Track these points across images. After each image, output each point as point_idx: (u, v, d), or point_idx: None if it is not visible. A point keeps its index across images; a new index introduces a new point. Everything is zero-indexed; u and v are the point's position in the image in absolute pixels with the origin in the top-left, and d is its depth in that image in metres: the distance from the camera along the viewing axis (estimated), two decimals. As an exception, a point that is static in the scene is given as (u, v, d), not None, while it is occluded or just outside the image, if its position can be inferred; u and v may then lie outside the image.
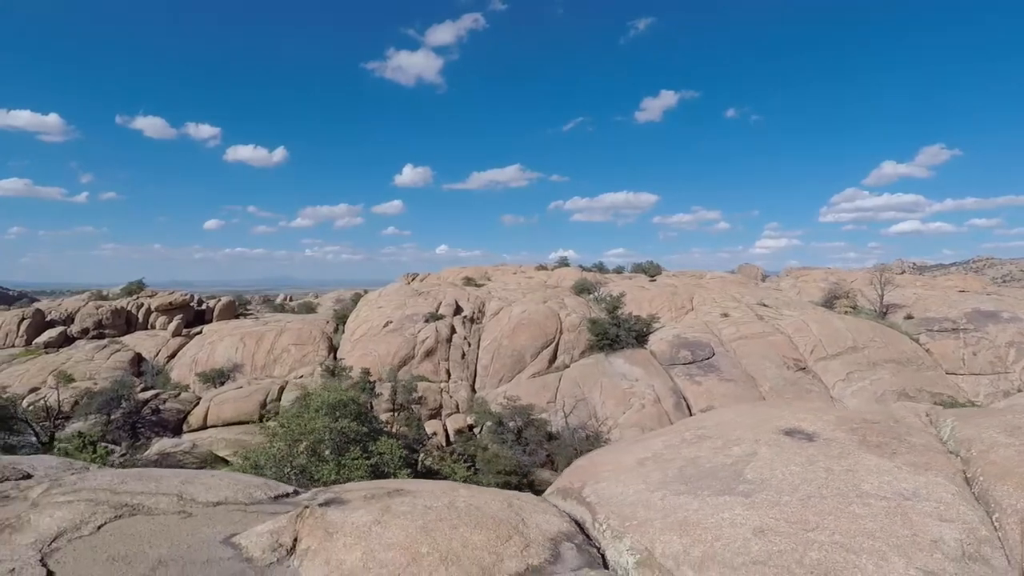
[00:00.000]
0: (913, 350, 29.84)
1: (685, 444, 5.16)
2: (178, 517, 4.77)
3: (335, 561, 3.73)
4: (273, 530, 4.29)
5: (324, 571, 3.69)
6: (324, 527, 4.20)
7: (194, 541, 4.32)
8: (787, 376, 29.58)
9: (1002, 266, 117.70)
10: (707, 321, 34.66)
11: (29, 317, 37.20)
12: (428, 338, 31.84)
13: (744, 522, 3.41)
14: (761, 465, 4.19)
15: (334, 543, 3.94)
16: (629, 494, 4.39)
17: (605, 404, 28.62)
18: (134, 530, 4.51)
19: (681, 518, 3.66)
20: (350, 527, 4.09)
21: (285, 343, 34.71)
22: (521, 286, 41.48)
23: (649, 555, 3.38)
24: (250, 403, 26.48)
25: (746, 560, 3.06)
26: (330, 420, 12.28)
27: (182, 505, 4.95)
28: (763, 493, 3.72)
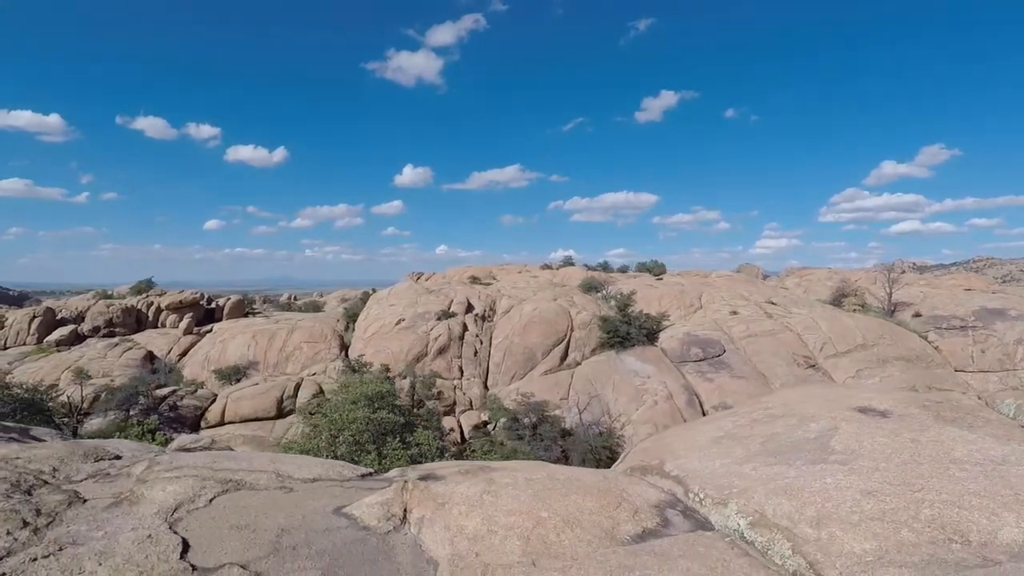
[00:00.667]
0: (922, 347, 30.15)
1: (757, 423, 5.39)
2: (281, 492, 4.99)
3: (455, 527, 3.95)
4: (382, 502, 4.52)
5: (445, 536, 3.92)
6: (432, 498, 4.42)
7: (307, 512, 4.54)
8: (797, 373, 29.87)
9: (1002, 266, 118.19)
10: (716, 319, 34.95)
11: (40, 315, 37.32)
12: (441, 335, 32.07)
13: (849, 486, 3.65)
14: (846, 438, 4.42)
15: (448, 512, 4.17)
16: (715, 467, 4.62)
17: (618, 401, 28.90)
18: (245, 503, 4.73)
19: (783, 485, 3.90)
20: (460, 497, 4.32)
21: (297, 341, 34.89)
22: (530, 285, 41.71)
23: (762, 516, 3.61)
24: (267, 399, 26.67)
25: (862, 517, 3.29)
26: (369, 411, 12.52)
27: (281, 481, 5.17)
28: (859, 461, 3.96)
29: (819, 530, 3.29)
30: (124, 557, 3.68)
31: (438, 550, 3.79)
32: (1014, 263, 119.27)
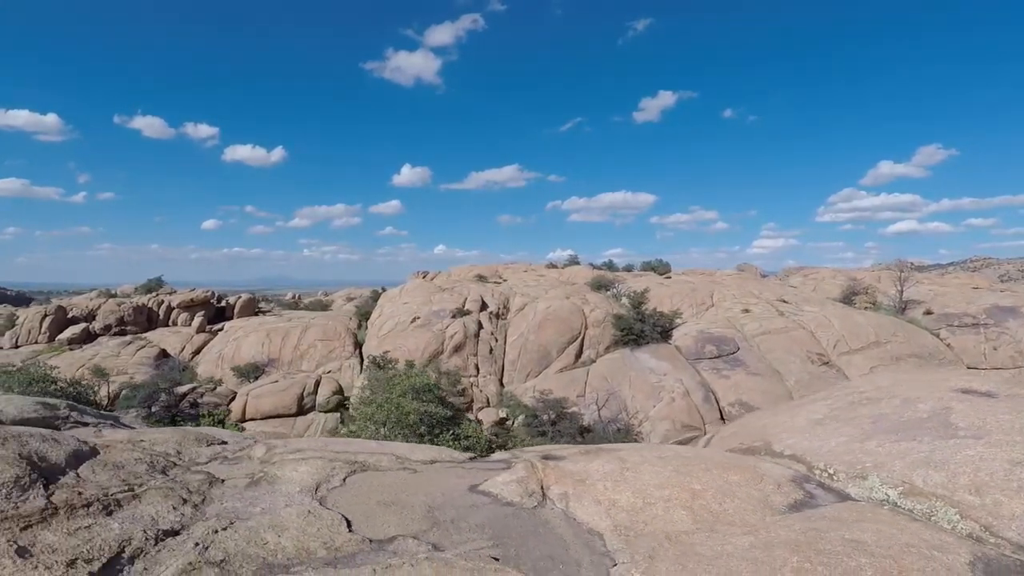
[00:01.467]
0: (934, 345, 30.47)
1: (856, 406, 5.56)
2: (406, 472, 5.13)
3: (606, 500, 4.10)
4: (517, 480, 4.66)
5: (597, 509, 4.07)
6: (568, 476, 4.57)
7: (444, 490, 4.68)
8: (812, 370, 30.13)
9: (999, 266, 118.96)
10: (728, 317, 35.19)
11: (52, 314, 37.23)
12: (456, 333, 32.18)
13: (994, 457, 3.82)
14: (966, 416, 4.60)
15: (592, 487, 4.31)
16: (832, 446, 4.78)
17: (635, 398, 29.07)
18: (378, 482, 4.87)
19: (921, 458, 4.06)
20: (598, 474, 4.47)
21: (311, 339, 34.94)
22: (541, 283, 41.87)
23: (911, 487, 3.77)
24: (287, 397, 26.73)
25: (1020, 485, 3.46)
26: (418, 403, 12.64)
27: (401, 463, 5.30)
28: (993, 435, 4.13)
29: (982, 497, 3.45)
30: (298, 529, 3.81)
31: (596, 522, 3.93)
32: (1011, 263, 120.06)
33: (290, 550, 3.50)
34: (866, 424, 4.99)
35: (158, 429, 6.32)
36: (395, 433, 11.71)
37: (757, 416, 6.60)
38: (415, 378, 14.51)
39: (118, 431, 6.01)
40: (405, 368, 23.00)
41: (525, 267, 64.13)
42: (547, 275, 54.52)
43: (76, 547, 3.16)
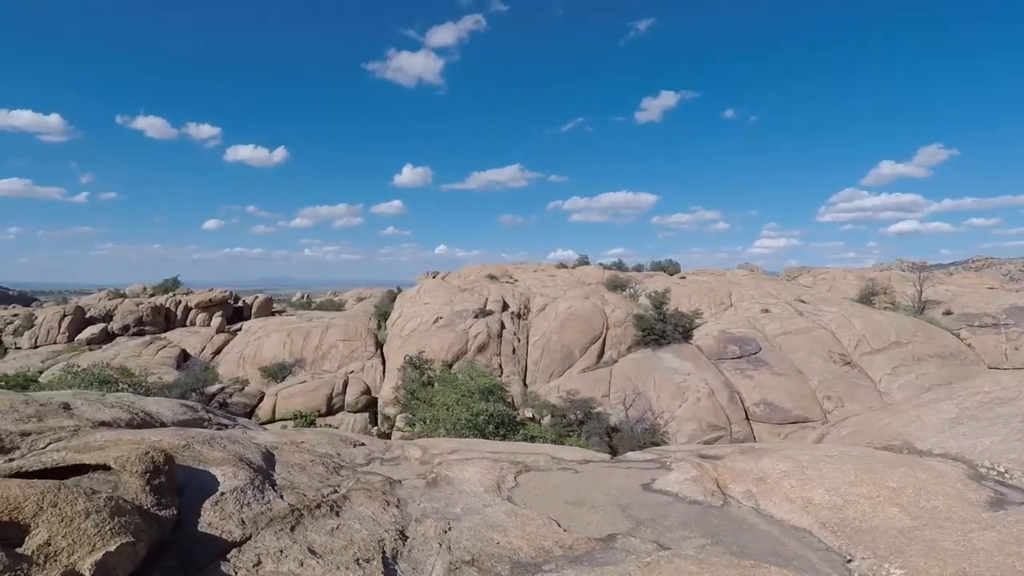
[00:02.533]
0: (956, 345, 30.70)
1: (992, 405, 5.69)
2: (568, 472, 5.24)
3: (799, 499, 4.22)
4: (691, 479, 4.78)
5: (791, 507, 4.19)
6: (745, 475, 4.69)
7: (620, 489, 4.80)
8: (834, 370, 30.32)
9: (1001, 265, 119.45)
10: (748, 317, 35.37)
11: (71, 314, 37.18)
12: (480, 333, 32.28)
13: None
14: None
15: (777, 486, 4.44)
16: (988, 444, 4.91)
17: (660, 398, 29.21)
18: (549, 482, 4.98)
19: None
20: (777, 473, 4.59)
21: (333, 339, 34.99)
22: (558, 283, 42.01)
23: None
24: (317, 397, 26.81)
25: None
26: (485, 404, 12.74)
27: (558, 463, 5.42)
28: None
29: None
30: (517, 528, 3.92)
31: (796, 519, 4.05)
32: (1013, 263, 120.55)
33: (527, 549, 3.61)
34: (1017, 423, 5.12)
35: (297, 430, 6.40)
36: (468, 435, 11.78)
37: (872, 416, 6.72)
38: (479, 379, 14.60)
39: (260, 432, 6.10)
40: (442, 368, 23.11)
41: (535, 267, 64.23)
42: (558, 275, 54.63)
43: (345, 547, 3.27)
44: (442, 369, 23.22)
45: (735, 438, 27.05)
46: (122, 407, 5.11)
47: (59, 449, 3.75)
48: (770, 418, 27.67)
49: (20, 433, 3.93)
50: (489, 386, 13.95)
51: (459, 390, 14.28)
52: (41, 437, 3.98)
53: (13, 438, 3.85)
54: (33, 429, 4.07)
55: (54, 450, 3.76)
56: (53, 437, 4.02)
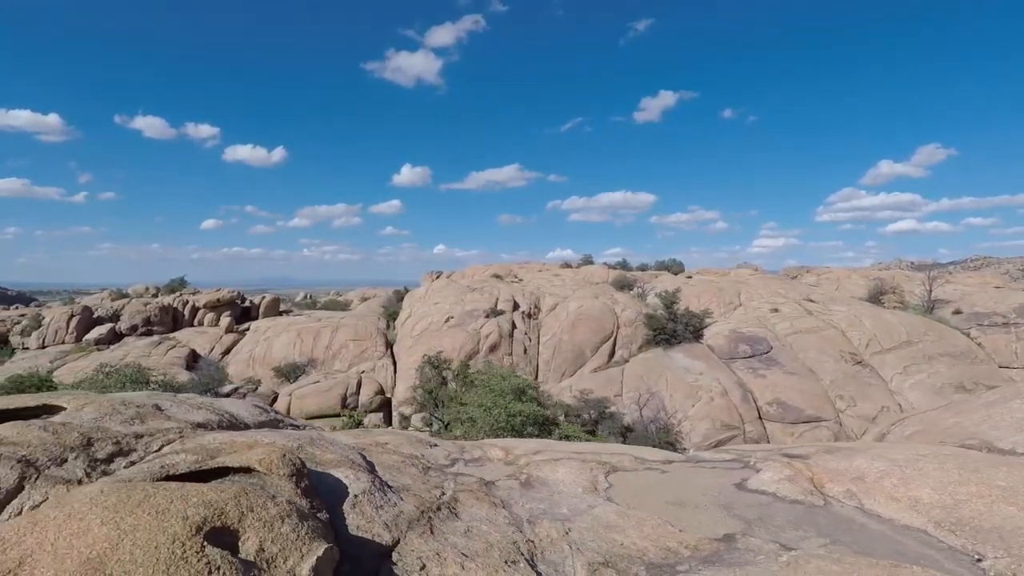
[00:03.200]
0: (966, 344, 30.82)
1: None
2: (655, 472, 5.24)
3: (905, 498, 4.24)
4: (786, 478, 4.79)
5: (898, 507, 4.20)
6: (841, 475, 4.70)
7: (717, 489, 4.80)
8: (845, 369, 30.42)
9: (1000, 265, 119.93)
10: (758, 316, 35.45)
11: (78, 314, 37.01)
12: (491, 333, 32.28)
13: None
14: None
15: (878, 486, 4.45)
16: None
17: (673, 397, 29.26)
18: (641, 482, 4.99)
19: None
20: (875, 472, 4.60)
21: (343, 339, 34.94)
22: (565, 283, 42.01)
23: None
24: (331, 397, 26.77)
25: None
26: (521, 405, 12.73)
27: (642, 463, 5.43)
28: None
29: None
30: (635, 529, 3.93)
31: (906, 518, 4.07)
32: (1011, 262, 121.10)
33: (653, 550, 3.62)
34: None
35: (366, 430, 6.38)
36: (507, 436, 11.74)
37: (935, 415, 6.75)
38: (512, 379, 14.60)
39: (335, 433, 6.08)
40: (460, 368, 23.08)
41: (539, 266, 64.24)
42: (563, 274, 54.66)
43: (487, 549, 3.26)
44: (459, 369, 23.19)
45: (749, 438, 27.11)
46: (208, 409, 5.09)
47: (177, 451, 3.74)
48: (783, 417, 27.74)
49: (133, 435, 3.91)
50: (522, 386, 13.94)
51: (493, 390, 14.27)
52: (153, 439, 3.96)
53: (129, 440, 3.84)
54: (143, 431, 4.05)
55: (172, 452, 3.75)
56: (164, 439, 4.00)
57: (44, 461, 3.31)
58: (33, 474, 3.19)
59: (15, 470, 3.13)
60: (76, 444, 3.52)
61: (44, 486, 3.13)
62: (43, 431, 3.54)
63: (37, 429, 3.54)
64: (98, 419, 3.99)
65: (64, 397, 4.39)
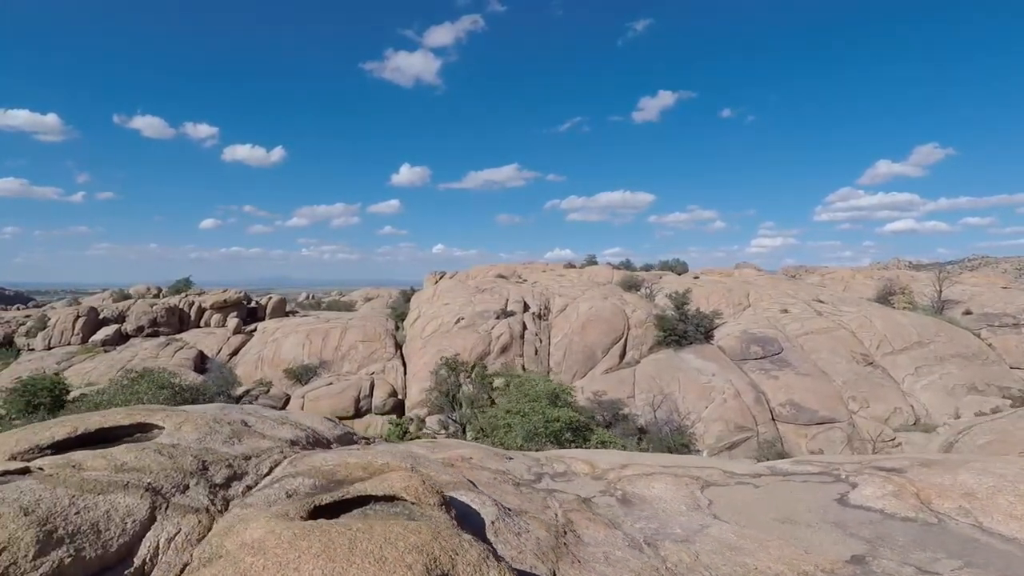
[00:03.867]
0: (977, 345, 30.89)
1: None
2: (748, 487, 5.14)
3: (1023, 516, 4.13)
4: (891, 493, 4.70)
5: (1017, 525, 4.11)
6: (950, 490, 4.60)
7: (815, 503, 4.71)
8: (857, 370, 30.43)
9: (998, 264, 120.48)
10: (768, 317, 35.45)
11: (84, 315, 36.72)
12: (503, 334, 32.16)
13: None
14: None
15: (992, 502, 4.37)
16: None
17: (686, 398, 29.20)
18: (737, 498, 4.88)
19: None
20: (986, 488, 4.52)
21: (352, 340, 34.76)
22: (575, 283, 41.92)
23: None
24: (344, 399, 26.61)
25: None
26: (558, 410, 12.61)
27: (731, 477, 5.32)
28: None
29: None
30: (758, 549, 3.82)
31: (1032, 538, 3.96)
32: (1009, 261, 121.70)
33: (789, 574, 3.50)
34: None
35: (433, 442, 6.26)
36: (543, 442, 11.63)
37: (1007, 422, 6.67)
38: (544, 383, 14.43)
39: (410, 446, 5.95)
40: (479, 370, 22.96)
41: (543, 267, 64.09)
42: (567, 275, 54.56)
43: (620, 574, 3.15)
44: (477, 371, 23.06)
45: (763, 439, 27.08)
46: (291, 424, 4.96)
47: (291, 474, 3.61)
48: (796, 419, 27.72)
49: (242, 457, 3.79)
50: (556, 390, 13.78)
51: (526, 395, 14.13)
52: (261, 461, 3.84)
53: (239, 463, 3.71)
54: (248, 451, 3.92)
55: (287, 475, 3.63)
56: (271, 460, 3.88)
57: (168, 488, 3.18)
58: (162, 504, 3.07)
59: (145, 499, 3.00)
60: (193, 469, 3.40)
61: (175, 516, 3.01)
62: (159, 455, 3.41)
63: (153, 453, 3.41)
64: (201, 439, 3.86)
65: (157, 414, 4.25)
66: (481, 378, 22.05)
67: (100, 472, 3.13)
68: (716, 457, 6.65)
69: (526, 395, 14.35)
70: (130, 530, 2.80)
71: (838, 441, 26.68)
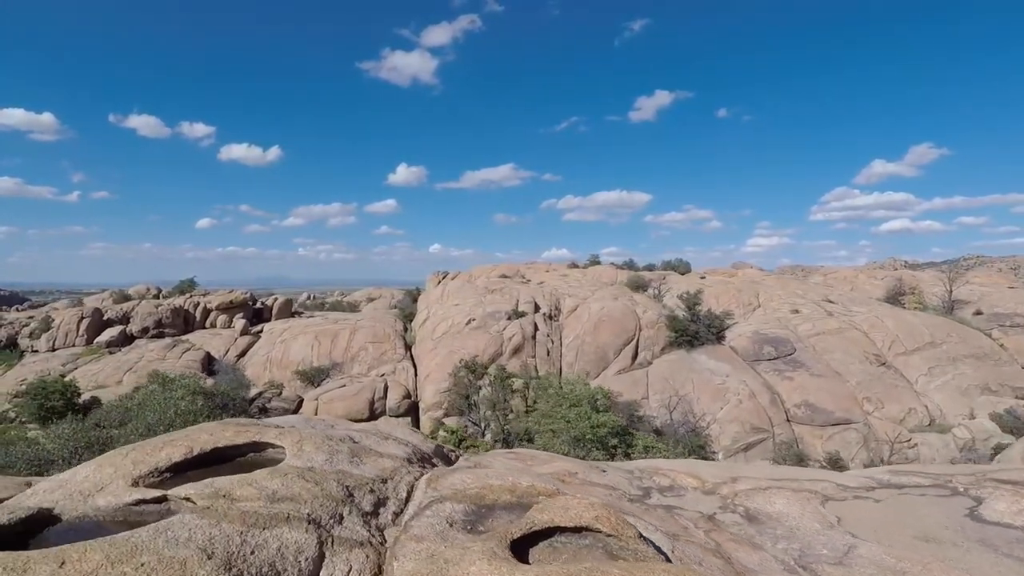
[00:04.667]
0: (989, 345, 30.94)
1: None
2: (868, 502, 4.95)
3: None
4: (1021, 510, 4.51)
5: None
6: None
7: (947, 519, 4.53)
8: (871, 371, 30.41)
9: (992, 263, 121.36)
10: (779, 317, 35.40)
11: (89, 316, 36.22)
12: (515, 335, 31.93)
13: None
14: None
15: None
16: None
17: (700, 400, 29.07)
18: (863, 513, 4.71)
19: None
20: None
21: (361, 341, 34.44)
22: (583, 284, 41.75)
23: None
24: (359, 401, 26.32)
25: None
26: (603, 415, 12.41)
27: (845, 491, 5.13)
28: None
29: None
30: (922, 573, 3.62)
31: None
32: (1004, 260, 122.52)
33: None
34: None
35: (519, 451, 6.04)
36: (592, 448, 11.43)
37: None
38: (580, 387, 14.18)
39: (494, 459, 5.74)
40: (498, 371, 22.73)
41: (546, 267, 63.84)
42: (570, 275, 54.32)
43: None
44: (497, 373, 22.83)
45: (779, 440, 27.02)
46: (393, 440, 4.74)
47: (438, 499, 3.40)
48: (812, 420, 27.66)
49: (378, 479, 3.56)
50: (594, 395, 13.56)
51: (566, 399, 13.89)
52: (396, 484, 3.63)
53: (378, 486, 3.50)
54: (379, 473, 3.71)
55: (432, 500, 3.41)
56: (406, 484, 3.67)
57: (326, 520, 2.97)
58: (327, 537, 2.86)
59: (311, 534, 2.79)
60: (341, 496, 3.18)
61: (342, 551, 2.79)
62: (303, 480, 3.18)
63: (297, 479, 3.18)
64: (330, 460, 3.64)
65: (266, 431, 4.02)
66: (501, 380, 21.79)
67: (254, 503, 2.91)
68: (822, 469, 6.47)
69: (565, 399, 14.10)
70: (305, 569, 2.59)
71: (854, 442, 26.65)
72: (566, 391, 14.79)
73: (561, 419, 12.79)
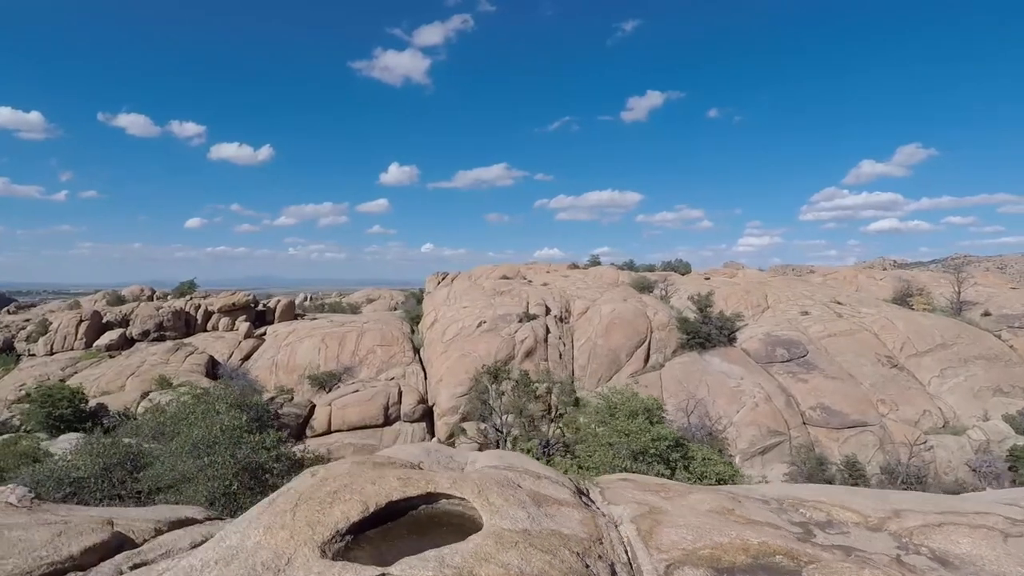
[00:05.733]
0: (999, 346, 31.14)
1: None
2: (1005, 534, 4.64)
3: None
4: None
5: None
6: None
7: None
8: (883, 372, 30.47)
9: (979, 263, 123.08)
10: (789, 319, 35.38)
11: (87, 319, 35.24)
12: (527, 338, 31.58)
13: None
14: None
15: None
16: None
17: (716, 403, 28.91)
18: None
19: None
20: None
21: (369, 344, 33.88)
22: (589, 285, 41.47)
23: None
24: (373, 407, 25.79)
25: None
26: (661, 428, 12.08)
27: (1013, 524, 4.82)
28: None
29: None
30: None
31: None
32: (991, 260, 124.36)
33: None
34: None
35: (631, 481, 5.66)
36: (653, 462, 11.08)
37: None
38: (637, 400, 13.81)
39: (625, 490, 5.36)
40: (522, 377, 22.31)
41: (547, 267, 63.55)
42: (572, 275, 54.03)
43: None
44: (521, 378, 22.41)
45: (796, 443, 26.94)
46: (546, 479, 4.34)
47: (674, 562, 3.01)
48: (828, 422, 27.62)
49: (593, 539, 3.17)
50: (649, 406, 13.24)
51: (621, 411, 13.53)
52: (609, 541, 3.23)
53: (597, 548, 3.09)
54: (588, 531, 3.31)
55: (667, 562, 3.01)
56: (614, 539, 3.26)
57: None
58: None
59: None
60: (581, 570, 2.78)
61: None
62: (535, 549, 2.82)
63: (528, 547, 2.79)
64: (531, 517, 3.23)
65: (437, 479, 3.59)
66: (525, 385, 21.39)
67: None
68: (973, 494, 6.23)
69: (620, 410, 13.75)
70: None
71: (870, 445, 26.65)
72: (616, 401, 14.44)
73: (621, 432, 12.44)
